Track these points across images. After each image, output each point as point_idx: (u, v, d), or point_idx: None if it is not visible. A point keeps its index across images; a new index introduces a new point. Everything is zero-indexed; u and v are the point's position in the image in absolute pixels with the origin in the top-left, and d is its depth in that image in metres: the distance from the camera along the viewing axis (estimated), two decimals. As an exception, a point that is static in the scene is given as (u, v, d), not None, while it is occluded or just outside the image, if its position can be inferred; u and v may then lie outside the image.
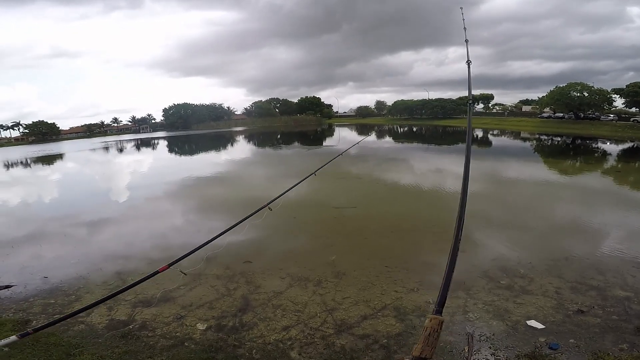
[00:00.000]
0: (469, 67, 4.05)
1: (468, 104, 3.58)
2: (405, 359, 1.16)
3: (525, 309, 5.04)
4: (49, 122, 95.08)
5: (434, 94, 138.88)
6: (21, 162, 37.01)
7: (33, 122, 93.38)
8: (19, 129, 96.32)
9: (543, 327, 4.58)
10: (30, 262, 7.50)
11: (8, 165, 34.55)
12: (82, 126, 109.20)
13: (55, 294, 5.95)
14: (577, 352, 4.08)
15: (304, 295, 5.61)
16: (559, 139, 38.48)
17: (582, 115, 54.18)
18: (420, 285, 5.78)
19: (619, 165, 19.92)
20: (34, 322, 4.99)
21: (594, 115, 54.50)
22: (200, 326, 4.75)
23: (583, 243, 7.66)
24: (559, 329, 4.54)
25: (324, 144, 38.05)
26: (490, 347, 4.21)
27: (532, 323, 4.67)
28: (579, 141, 35.15)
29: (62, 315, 4.33)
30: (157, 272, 3.45)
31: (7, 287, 6.23)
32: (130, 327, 4.75)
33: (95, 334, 4.57)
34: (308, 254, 7.35)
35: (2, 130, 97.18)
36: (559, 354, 4.06)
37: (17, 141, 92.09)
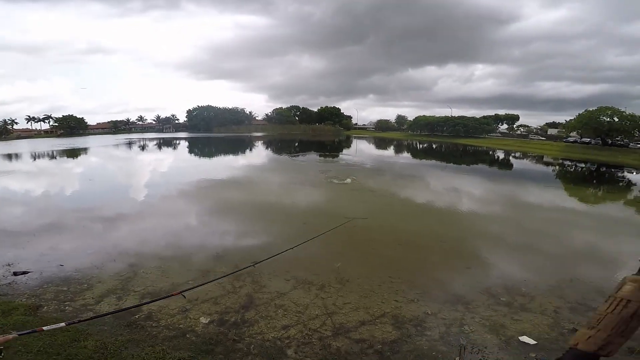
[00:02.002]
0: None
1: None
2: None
3: (521, 325, 5.06)
4: (78, 116, 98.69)
5: (456, 112, 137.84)
6: (47, 154, 38.40)
7: (63, 116, 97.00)
8: (49, 122, 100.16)
9: (535, 343, 4.61)
10: (48, 250, 7.80)
11: (35, 157, 35.95)
12: (108, 122, 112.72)
13: (69, 282, 6.19)
14: None
15: (307, 297, 5.73)
16: (583, 165, 37.49)
17: (610, 141, 52.63)
18: (421, 297, 5.83)
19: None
20: (45, 307, 5.23)
21: (622, 142, 52.87)
22: (203, 320, 4.92)
23: (590, 267, 7.61)
24: (551, 346, 4.56)
25: (341, 156, 38.15)
26: (480, 359, 4.25)
27: (525, 339, 4.70)
28: (604, 169, 34.17)
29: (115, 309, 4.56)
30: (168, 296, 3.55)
31: (24, 273, 6.49)
32: (136, 316, 4.95)
33: (102, 321, 4.75)
34: (315, 259, 7.47)
35: (33, 122, 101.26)
36: None
37: (46, 133, 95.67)
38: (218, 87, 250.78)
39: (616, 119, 50.07)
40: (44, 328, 2.06)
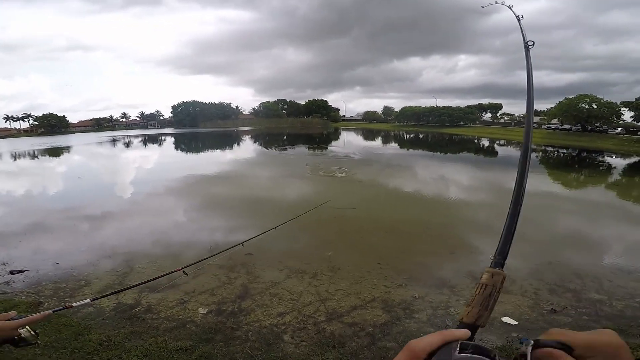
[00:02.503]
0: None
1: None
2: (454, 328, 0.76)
3: (504, 306, 5.33)
4: (59, 114, 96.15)
5: (442, 102, 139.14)
6: (28, 154, 37.64)
7: (43, 114, 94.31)
8: (28, 121, 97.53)
9: (516, 323, 4.90)
10: (41, 249, 7.87)
11: (15, 156, 35.26)
12: (90, 120, 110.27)
13: (66, 278, 6.31)
14: None
15: (300, 285, 5.97)
16: (565, 151, 38.44)
17: (590, 127, 54.04)
18: (408, 282, 6.12)
19: (623, 180, 20.07)
20: (46, 304, 5.35)
21: (601, 128, 54.33)
22: (202, 310, 5.12)
23: (569, 250, 7.99)
24: (531, 326, 4.85)
25: (329, 148, 38.35)
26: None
27: (507, 319, 4.99)
28: (584, 154, 35.10)
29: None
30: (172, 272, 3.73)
31: (20, 271, 6.57)
32: (137, 310, 5.12)
33: (104, 316, 4.93)
34: (307, 249, 7.72)
35: (12, 121, 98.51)
36: None
37: (26, 132, 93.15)
38: (203, 82, 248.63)
39: (594, 106, 51.53)
40: (73, 304, 2.29)
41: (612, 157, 32.78)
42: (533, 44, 1.51)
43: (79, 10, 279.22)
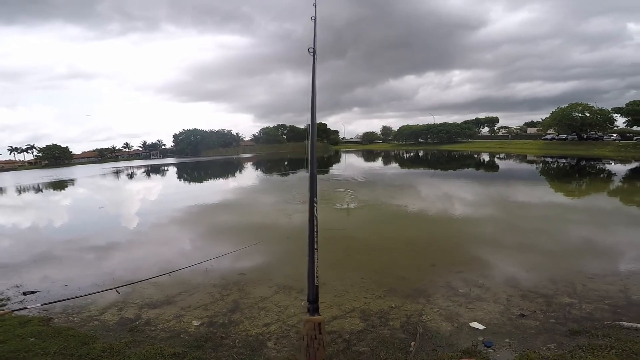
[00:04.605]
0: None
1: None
2: None
3: (474, 313, 5.72)
4: (62, 145, 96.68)
5: (439, 118, 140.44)
6: (33, 188, 38.53)
7: (47, 145, 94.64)
8: (32, 152, 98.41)
9: (484, 327, 5.22)
10: (51, 274, 8.53)
11: (20, 190, 36.21)
12: (93, 151, 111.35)
13: (74, 298, 6.90)
14: (508, 349, 4.67)
15: (287, 300, 6.50)
16: (564, 160, 38.65)
17: (585, 136, 54.43)
18: (387, 294, 6.61)
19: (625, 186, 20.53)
20: (56, 319, 5.96)
21: (596, 136, 54.60)
22: (195, 322, 5.68)
23: (546, 258, 8.35)
24: (498, 330, 5.16)
25: (331, 171, 39.06)
26: (433, 344, 4.89)
27: (475, 324, 5.32)
28: (584, 162, 35.27)
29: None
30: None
31: (33, 292, 7.28)
32: (137, 323, 5.70)
33: (107, 328, 5.54)
34: (296, 269, 8.23)
35: (16, 152, 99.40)
36: (492, 350, 4.63)
37: (30, 165, 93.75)
38: (203, 109, 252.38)
39: (587, 114, 52.14)
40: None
41: (610, 163, 32.96)
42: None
43: (78, 36, 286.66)
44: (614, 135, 53.38)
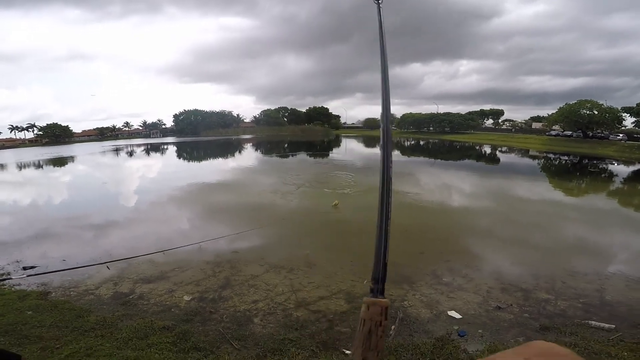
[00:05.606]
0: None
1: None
2: None
3: (454, 302, 5.89)
4: (63, 124, 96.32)
5: (443, 108, 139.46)
6: (33, 164, 38.64)
7: (47, 124, 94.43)
8: (33, 131, 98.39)
9: (460, 317, 5.40)
10: (50, 250, 8.76)
11: (21, 167, 36.41)
12: (94, 129, 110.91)
13: (72, 272, 7.07)
14: (479, 340, 4.83)
15: (276, 278, 6.72)
16: (566, 157, 38.52)
17: (591, 134, 53.79)
18: (374, 277, 6.80)
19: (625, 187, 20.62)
20: (53, 293, 6.17)
21: (602, 134, 53.89)
22: (186, 297, 5.90)
23: (533, 252, 8.46)
24: (474, 321, 5.33)
25: (331, 155, 39.12)
26: (411, 329, 5.07)
27: (452, 313, 5.50)
28: (586, 161, 35.12)
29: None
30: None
31: (32, 267, 7.48)
32: (130, 297, 5.91)
33: (102, 302, 5.77)
34: (288, 249, 8.46)
35: (17, 131, 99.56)
36: (464, 340, 4.80)
37: (31, 142, 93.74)
38: (204, 91, 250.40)
39: (595, 112, 51.24)
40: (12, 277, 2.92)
41: (613, 164, 32.77)
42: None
43: (78, 19, 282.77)
44: (621, 135, 52.09)
